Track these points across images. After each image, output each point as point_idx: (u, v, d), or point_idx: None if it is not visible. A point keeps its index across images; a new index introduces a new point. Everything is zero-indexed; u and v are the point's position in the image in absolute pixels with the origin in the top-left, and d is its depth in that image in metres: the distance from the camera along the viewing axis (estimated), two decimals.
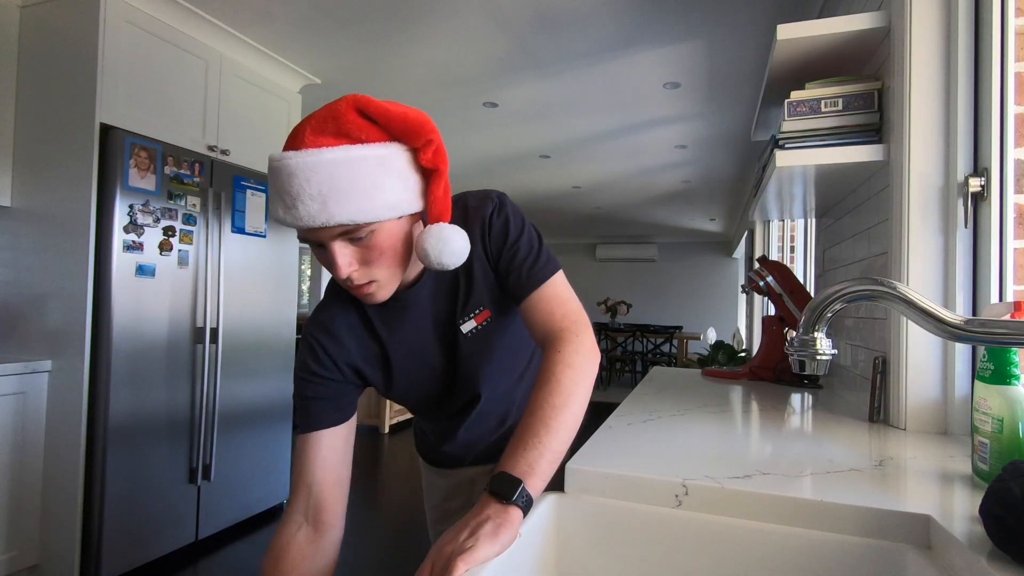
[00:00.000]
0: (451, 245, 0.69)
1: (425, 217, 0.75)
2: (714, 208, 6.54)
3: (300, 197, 0.64)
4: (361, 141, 0.67)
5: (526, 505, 0.61)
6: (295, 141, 0.67)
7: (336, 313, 0.83)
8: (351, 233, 0.67)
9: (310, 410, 0.80)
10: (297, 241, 2.93)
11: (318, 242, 0.69)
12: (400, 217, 0.71)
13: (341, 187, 0.64)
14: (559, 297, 0.80)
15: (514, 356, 0.94)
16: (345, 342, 0.83)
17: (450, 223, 0.72)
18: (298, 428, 0.81)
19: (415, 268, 0.80)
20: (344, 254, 0.68)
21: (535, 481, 0.63)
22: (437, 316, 0.85)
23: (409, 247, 0.75)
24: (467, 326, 0.85)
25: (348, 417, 0.82)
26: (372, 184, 0.66)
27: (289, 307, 2.91)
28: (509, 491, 0.61)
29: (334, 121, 0.66)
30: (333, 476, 0.79)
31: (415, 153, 0.71)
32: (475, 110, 3.51)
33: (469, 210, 0.82)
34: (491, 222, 0.81)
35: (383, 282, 0.73)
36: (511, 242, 0.81)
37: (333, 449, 0.79)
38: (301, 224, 0.65)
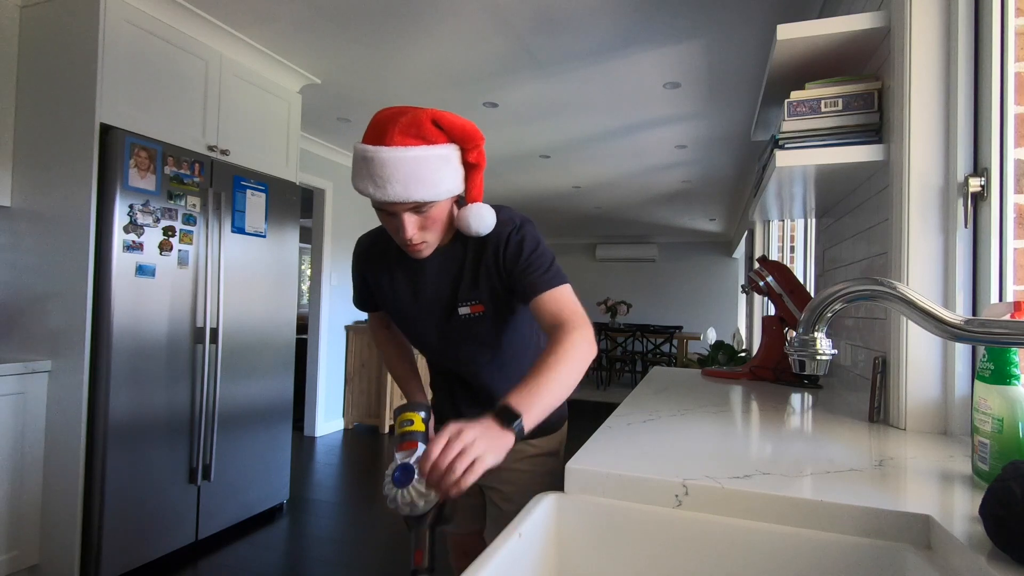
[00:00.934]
0: (486, 220, 0.99)
1: (463, 198, 1.03)
2: (714, 208, 6.54)
3: (390, 180, 0.89)
4: (432, 143, 0.91)
5: (519, 435, 0.79)
6: (383, 137, 0.89)
7: (376, 241, 1.16)
8: (419, 208, 0.93)
9: (356, 291, 1.24)
10: (297, 241, 2.93)
11: (392, 212, 0.94)
12: (449, 197, 0.96)
13: (417, 175, 0.89)
14: (568, 300, 0.99)
15: (491, 354, 1.13)
16: (369, 261, 1.17)
17: (494, 224, 1.01)
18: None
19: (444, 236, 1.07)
20: (412, 222, 0.94)
21: (529, 420, 0.81)
22: (438, 288, 1.08)
23: (451, 219, 1.02)
24: (463, 310, 1.07)
25: (377, 309, 1.26)
26: (437, 174, 0.91)
27: (289, 307, 2.91)
28: (510, 420, 0.79)
29: (416, 127, 0.90)
30: (395, 331, 1.28)
31: (463, 152, 0.96)
32: (475, 110, 3.51)
33: (503, 226, 1.04)
34: (509, 239, 1.02)
35: (430, 243, 1.00)
36: (525, 256, 1.00)
37: (383, 319, 1.29)
38: (388, 199, 0.91)
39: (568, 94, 3.20)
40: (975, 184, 0.95)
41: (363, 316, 5.07)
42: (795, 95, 1.20)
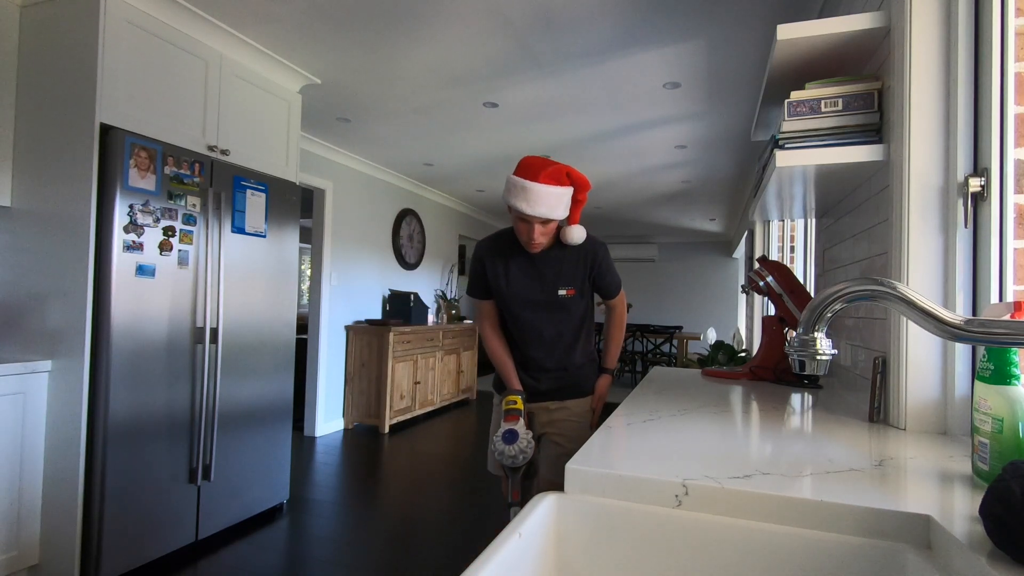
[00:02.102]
0: (579, 236, 1.60)
1: (565, 220, 1.60)
2: (714, 208, 6.54)
3: (536, 203, 1.47)
4: (563, 185, 1.50)
5: (613, 373, 1.83)
6: (534, 175, 1.48)
7: (502, 240, 1.69)
8: (545, 221, 1.52)
9: (473, 281, 1.74)
10: (297, 241, 2.93)
11: (529, 221, 1.51)
12: (561, 218, 1.55)
13: (550, 204, 1.48)
14: (621, 299, 1.82)
15: (572, 327, 1.71)
16: (491, 256, 1.69)
17: (584, 238, 1.62)
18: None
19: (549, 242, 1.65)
20: (539, 230, 1.53)
21: (611, 366, 1.83)
22: (545, 276, 1.65)
23: (557, 231, 1.62)
24: (561, 292, 1.65)
25: (489, 296, 1.72)
26: (560, 204, 1.50)
27: (289, 307, 2.91)
28: (610, 373, 1.82)
29: (558, 177, 1.50)
30: (498, 327, 1.78)
31: (576, 193, 1.55)
32: (475, 110, 3.51)
33: (593, 244, 1.66)
34: (599, 256, 1.67)
35: (543, 245, 1.60)
36: (605, 270, 1.69)
37: (493, 309, 1.76)
38: (532, 215, 1.48)
39: (568, 94, 3.20)
40: (975, 184, 0.95)
41: (363, 316, 5.08)
42: (795, 95, 1.20)
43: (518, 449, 1.50)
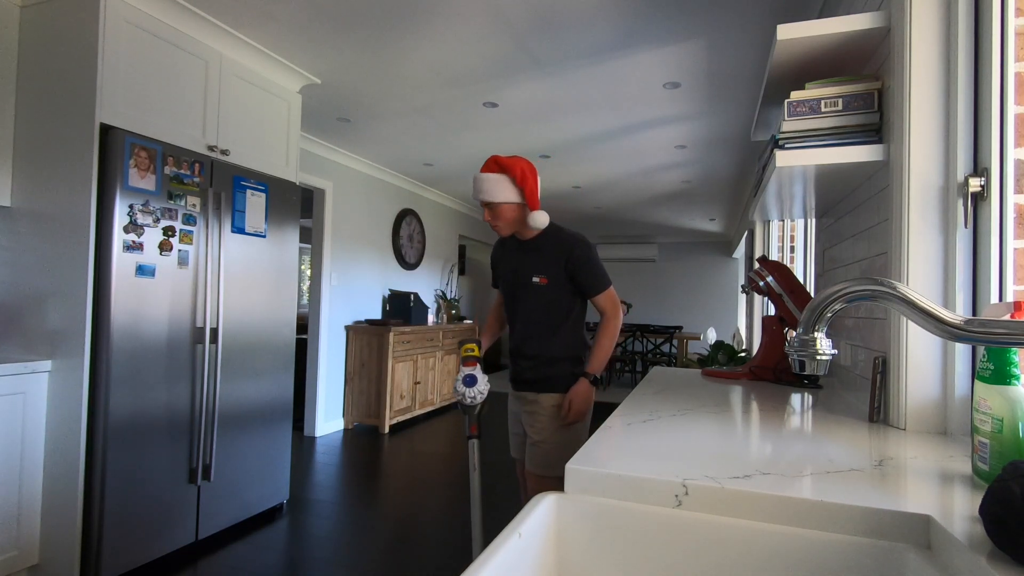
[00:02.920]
0: (538, 221, 1.75)
1: (527, 206, 1.77)
2: (714, 208, 6.54)
3: (477, 189, 1.76)
4: (493, 172, 1.75)
5: (595, 383, 1.79)
6: (485, 167, 1.78)
7: (502, 242, 1.95)
8: (489, 205, 1.76)
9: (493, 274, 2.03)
10: (297, 241, 2.93)
11: (483, 206, 1.77)
12: (508, 202, 1.76)
13: (486, 188, 1.74)
14: (607, 298, 1.83)
15: (547, 314, 1.83)
16: (499, 244, 1.98)
17: (547, 223, 1.78)
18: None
19: (530, 232, 1.84)
20: (488, 213, 1.78)
21: (596, 372, 1.79)
22: (524, 265, 1.84)
23: (518, 216, 1.79)
24: (535, 278, 1.82)
25: (497, 286, 1.98)
26: (496, 188, 1.74)
27: (289, 307, 2.91)
28: (589, 378, 1.78)
29: (490, 165, 1.77)
30: (501, 311, 2.04)
31: (512, 178, 1.75)
32: (475, 110, 3.51)
33: (566, 237, 1.82)
34: (575, 250, 1.79)
35: (501, 227, 1.80)
36: (580, 265, 1.78)
37: (500, 300, 2.01)
38: (476, 199, 1.77)
39: (568, 94, 3.20)
40: (975, 184, 0.95)
41: (363, 316, 5.09)
42: (795, 95, 1.20)
43: (476, 391, 1.77)
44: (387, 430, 4.71)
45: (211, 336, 2.45)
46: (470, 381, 1.76)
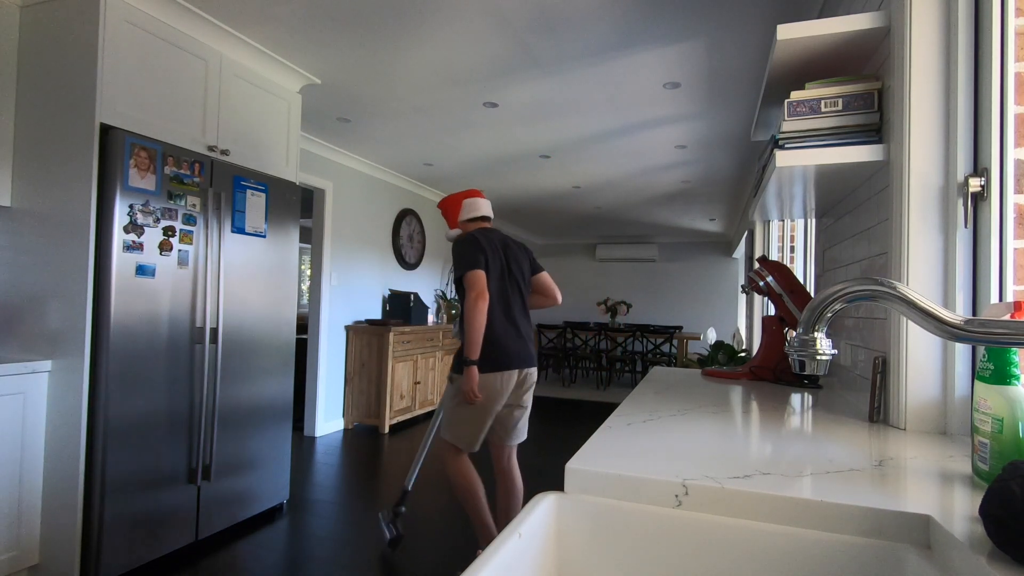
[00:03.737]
0: (450, 234, 2.42)
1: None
2: (714, 208, 6.54)
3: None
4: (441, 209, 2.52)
5: (470, 364, 2.08)
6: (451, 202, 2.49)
7: (484, 232, 2.29)
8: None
9: None
10: (297, 241, 2.93)
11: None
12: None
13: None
14: (467, 280, 2.12)
15: (462, 309, 2.18)
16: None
17: (466, 233, 2.27)
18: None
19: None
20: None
21: (465, 354, 2.10)
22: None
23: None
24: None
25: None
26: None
27: (289, 307, 2.91)
28: (466, 360, 2.11)
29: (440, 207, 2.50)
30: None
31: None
32: (475, 110, 3.51)
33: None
34: (452, 249, 2.23)
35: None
36: (453, 257, 2.19)
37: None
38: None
39: (568, 94, 3.20)
40: (975, 184, 0.95)
41: (363, 317, 5.09)
42: (795, 95, 1.20)
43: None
44: (387, 430, 4.70)
45: (211, 336, 2.45)
46: None
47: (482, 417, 2.15)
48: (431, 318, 5.97)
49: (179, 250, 2.30)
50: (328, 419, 4.64)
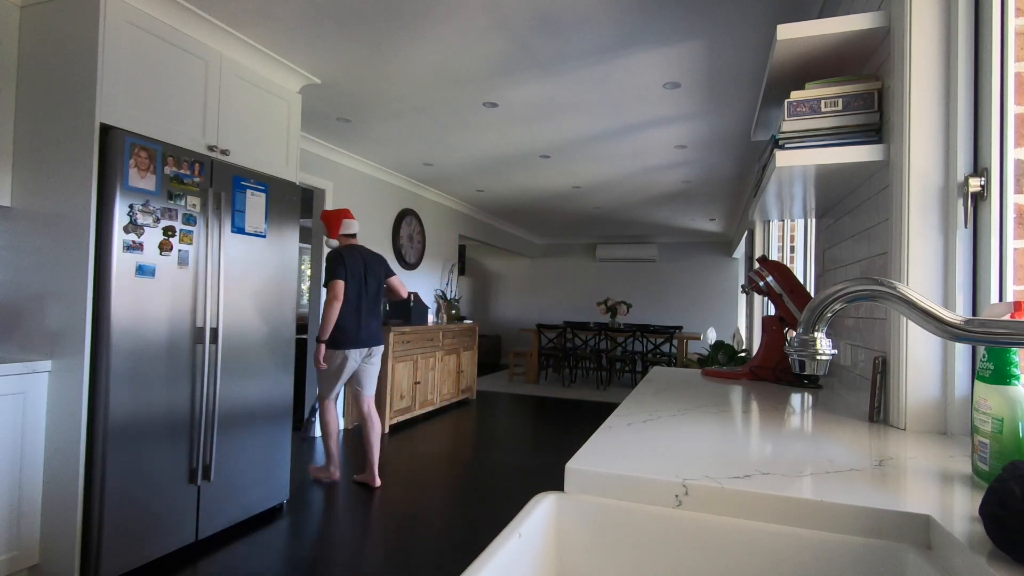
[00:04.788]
0: (330, 243, 3.49)
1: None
2: (714, 208, 6.54)
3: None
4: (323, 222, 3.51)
5: (319, 342, 3.20)
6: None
7: (350, 248, 3.33)
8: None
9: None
10: (297, 241, 2.93)
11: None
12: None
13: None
14: (330, 288, 3.17)
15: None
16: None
17: (346, 245, 3.36)
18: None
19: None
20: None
21: (319, 335, 3.20)
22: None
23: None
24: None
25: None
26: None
27: (289, 307, 2.91)
28: (318, 340, 3.23)
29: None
30: None
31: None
32: (475, 110, 3.51)
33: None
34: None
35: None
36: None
37: None
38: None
39: (568, 94, 3.20)
40: (975, 184, 0.95)
41: None
42: (795, 95, 1.20)
43: None
44: (387, 430, 4.70)
45: (211, 336, 2.45)
46: None
47: (332, 378, 3.22)
48: (431, 318, 5.97)
49: (179, 250, 2.30)
50: None
